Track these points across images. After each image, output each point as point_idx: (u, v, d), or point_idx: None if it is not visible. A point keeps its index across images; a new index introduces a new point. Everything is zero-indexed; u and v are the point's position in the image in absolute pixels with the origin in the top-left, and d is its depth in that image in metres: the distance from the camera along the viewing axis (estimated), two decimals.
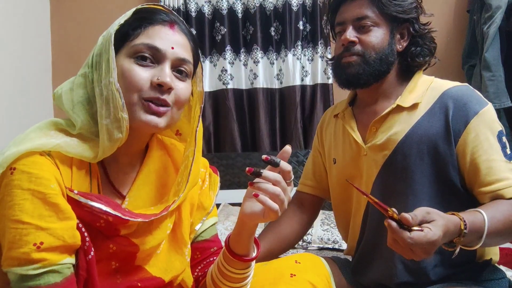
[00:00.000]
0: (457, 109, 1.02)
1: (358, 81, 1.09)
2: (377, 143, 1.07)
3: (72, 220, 0.71)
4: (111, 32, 0.77)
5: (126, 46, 0.78)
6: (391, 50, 1.09)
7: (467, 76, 2.34)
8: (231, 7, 2.55)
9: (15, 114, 2.23)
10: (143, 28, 0.78)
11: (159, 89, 0.77)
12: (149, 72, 0.77)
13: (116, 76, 0.75)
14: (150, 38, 0.78)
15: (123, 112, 0.75)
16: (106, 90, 0.75)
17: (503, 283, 1.06)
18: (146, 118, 0.77)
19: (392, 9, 1.08)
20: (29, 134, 0.75)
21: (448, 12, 2.50)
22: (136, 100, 0.76)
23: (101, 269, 0.76)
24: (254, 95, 2.53)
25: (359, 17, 1.08)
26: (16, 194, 0.68)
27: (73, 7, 2.62)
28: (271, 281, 0.93)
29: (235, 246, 0.82)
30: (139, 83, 0.76)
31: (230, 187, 2.37)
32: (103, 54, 0.77)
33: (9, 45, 2.21)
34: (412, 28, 1.11)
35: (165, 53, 0.78)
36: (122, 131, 0.76)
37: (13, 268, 0.67)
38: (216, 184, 0.97)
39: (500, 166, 0.98)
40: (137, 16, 0.80)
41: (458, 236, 0.84)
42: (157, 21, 0.80)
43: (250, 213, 0.77)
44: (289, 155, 0.76)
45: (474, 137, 1.00)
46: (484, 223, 0.88)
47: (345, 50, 1.10)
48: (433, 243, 0.78)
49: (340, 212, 1.24)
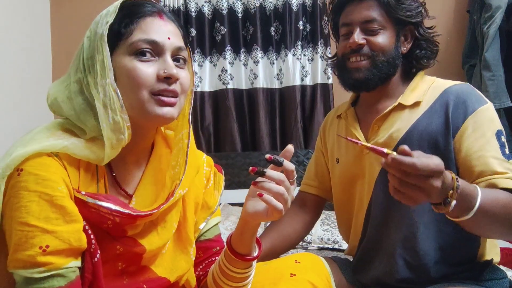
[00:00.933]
0: (456, 105, 1.02)
1: (367, 86, 1.09)
2: (379, 141, 1.08)
3: (78, 223, 0.71)
4: (102, 33, 0.75)
5: (121, 45, 0.76)
6: (398, 52, 1.10)
7: (467, 76, 2.34)
8: (231, 7, 2.55)
9: (15, 114, 2.23)
10: (135, 23, 0.77)
11: (166, 81, 0.77)
12: (152, 67, 0.76)
13: (112, 76, 0.74)
14: (146, 33, 0.76)
15: (122, 113, 0.74)
16: (103, 92, 0.74)
17: (503, 283, 1.06)
18: (161, 111, 0.77)
19: (400, 13, 1.07)
20: (36, 135, 0.74)
21: (448, 12, 2.51)
22: (147, 96, 0.76)
23: (108, 270, 0.76)
24: (254, 95, 2.53)
25: (367, 20, 1.08)
26: (23, 195, 0.68)
27: (73, 7, 2.62)
28: (271, 281, 0.93)
29: (237, 246, 0.82)
30: (147, 79, 0.75)
31: (230, 187, 2.37)
32: (95, 56, 0.75)
33: (9, 45, 2.21)
34: (416, 32, 1.11)
35: (163, 45, 0.77)
36: (123, 132, 0.75)
37: (19, 270, 0.67)
38: (220, 183, 0.97)
39: (496, 163, 0.96)
40: (125, 12, 0.78)
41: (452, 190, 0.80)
42: (146, 13, 0.78)
43: (253, 212, 0.77)
44: (291, 154, 0.76)
45: (471, 133, 1.00)
46: (476, 192, 0.84)
47: (352, 52, 1.09)
48: (439, 171, 0.73)
49: (342, 212, 1.25)
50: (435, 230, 1.03)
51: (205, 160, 0.96)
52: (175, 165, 0.85)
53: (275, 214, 0.74)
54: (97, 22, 0.78)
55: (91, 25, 0.79)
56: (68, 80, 0.79)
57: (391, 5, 1.07)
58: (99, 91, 0.74)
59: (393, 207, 1.06)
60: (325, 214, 2.12)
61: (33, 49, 2.45)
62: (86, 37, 0.78)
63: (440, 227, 1.03)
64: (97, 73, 0.74)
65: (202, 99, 2.53)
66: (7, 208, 0.69)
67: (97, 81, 0.74)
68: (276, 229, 1.26)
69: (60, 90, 0.79)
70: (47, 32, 2.60)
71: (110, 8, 0.78)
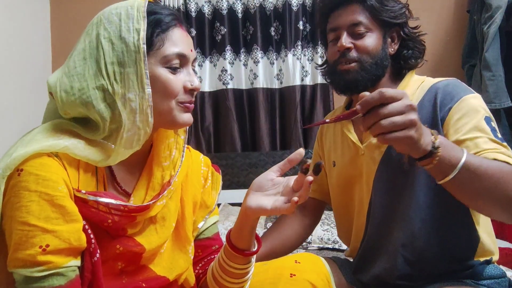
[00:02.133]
0: (443, 98, 1.03)
1: (356, 87, 1.10)
2: (373, 142, 1.09)
3: (78, 223, 0.71)
4: (135, 43, 0.74)
5: (153, 54, 0.77)
6: (385, 54, 1.11)
7: (467, 76, 2.34)
8: (231, 7, 2.55)
9: (15, 114, 2.23)
10: (162, 34, 0.78)
11: (191, 93, 0.81)
12: (179, 78, 0.80)
13: (150, 92, 0.75)
14: (176, 46, 0.79)
15: (149, 127, 0.77)
16: (135, 104, 0.75)
17: (503, 282, 1.06)
18: (184, 118, 0.81)
19: (384, 14, 1.10)
20: (36, 135, 0.74)
21: (448, 12, 2.51)
22: (174, 105, 0.79)
23: (107, 270, 0.76)
24: (254, 95, 2.53)
25: (353, 23, 1.10)
26: (23, 195, 0.68)
27: (73, 7, 2.62)
28: (271, 281, 0.93)
29: (237, 241, 0.83)
30: (176, 90, 0.79)
31: (230, 187, 2.37)
32: (126, 66, 0.74)
33: (9, 44, 2.21)
34: (402, 32, 1.14)
35: (188, 58, 0.81)
36: (140, 143, 0.78)
37: (19, 269, 0.68)
38: (218, 183, 0.98)
39: (488, 143, 0.94)
40: (152, 20, 0.77)
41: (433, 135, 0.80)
42: (171, 24, 0.79)
43: (256, 207, 0.77)
44: (301, 157, 0.76)
45: (457, 119, 0.99)
46: (462, 150, 0.83)
47: (340, 57, 1.11)
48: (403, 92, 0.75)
49: (342, 214, 1.25)
50: (435, 227, 1.04)
51: (203, 160, 0.97)
52: (169, 155, 0.87)
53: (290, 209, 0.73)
54: (117, 24, 0.75)
55: (105, 24, 0.76)
56: (83, 83, 0.75)
57: (375, 8, 1.09)
58: (129, 103, 0.74)
59: (393, 204, 1.07)
60: (325, 214, 2.11)
61: (33, 49, 2.45)
62: (104, 38, 0.75)
63: (440, 224, 1.04)
64: (130, 84, 0.74)
65: (202, 99, 2.53)
66: (7, 208, 0.69)
67: (127, 93, 0.74)
68: (276, 231, 1.27)
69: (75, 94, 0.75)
70: (47, 32, 2.61)
71: (133, 12, 0.76)
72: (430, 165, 0.82)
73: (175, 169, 0.87)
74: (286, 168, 0.79)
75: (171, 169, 0.87)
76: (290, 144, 2.51)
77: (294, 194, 0.75)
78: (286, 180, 0.78)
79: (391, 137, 0.75)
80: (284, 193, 0.77)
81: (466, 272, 1.05)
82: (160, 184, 0.85)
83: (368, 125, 0.77)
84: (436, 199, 1.03)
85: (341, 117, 0.81)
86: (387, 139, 0.76)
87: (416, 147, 0.78)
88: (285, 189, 0.77)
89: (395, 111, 0.74)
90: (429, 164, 0.82)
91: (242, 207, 0.80)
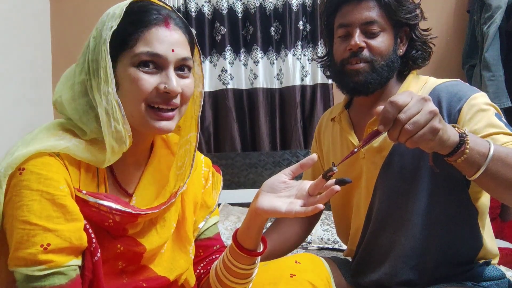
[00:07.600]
0: (449, 99, 1.01)
1: (366, 90, 1.06)
2: (374, 145, 1.07)
3: (79, 222, 0.71)
4: (105, 39, 0.74)
5: (126, 54, 0.75)
6: (396, 55, 1.07)
7: (467, 76, 2.34)
8: (231, 7, 2.55)
9: (15, 114, 2.23)
10: (139, 33, 0.75)
11: (166, 96, 0.76)
12: (154, 79, 0.75)
13: (114, 87, 0.74)
14: (149, 45, 0.75)
15: (124, 123, 0.75)
16: (106, 100, 0.73)
17: (502, 284, 1.06)
18: (159, 125, 0.77)
19: (401, 14, 1.05)
20: (37, 135, 0.75)
21: (448, 12, 2.51)
22: (144, 109, 0.76)
23: (108, 269, 0.76)
24: (254, 95, 2.53)
25: (368, 21, 1.04)
26: (25, 194, 0.68)
27: (73, 7, 2.62)
28: (271, 281, 0.93)
29: (244, 240, 0.83)
30: (144, 90, 0.75)
31: (230, 187, 2.37)
32: (99, 62, 0.74)
33: (9, 44, 2.21)
34: (413, 33, 1.09)
35: (166, 58, 0.76)
36: (125, 141, 0.75)
37: (20, 268, 0.68)
38: (219, 184, 0.98)
39: (506, 137, 0.92)
40: (131, 19, 0.76)
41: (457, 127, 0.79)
42: (151, 22, 0.76)
43: (269, 208, 0.77)
44: (313, 162, 0.77)
45: (469, 119, 0.97)
46: (488, 142, 0.82)
47: (351, 56, 1.05)
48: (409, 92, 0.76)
49: (340, 216, 1.24)
50: (437, 233, 1.03)
51: (203, 160, 0.97)
52: (181, 166, 0.86)
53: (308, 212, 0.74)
54: (103, 22, 0.76)
55: (97, 24, 0.78)
56: (73, 79, 0.79)
57: (391, 7, 1.04)
58: (102, 98, 0.74)
59: (394, 210, 1.05)
60: (325, 214, 2.11)
61: (33, 49, 2.45)
62: (92, 37, 0.77)
63: (442, 229, 1.03)
64: (100, 79, 0.74)
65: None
66: (9, 206, 0.70)
67: (100, 87, 0.74)
68: (276, 232, 1.26)
69: (65, 89, 0.79)
70: (47, 32, 2.61)
71: (116, 11, 0.76)
72: (461, 158, 0.80)
73: (184, 179, 0.85)
74: (297, 172, 0.79)
75: (181, 180, 0.85)
76: (290, 144, 2.51)
77: (309, 198, 0.77)
78: (299, 183, 0.79)
79: (418, 136, 0.75)
80: (298, 196, 0.78)
81: (466, 274, 1.05)
82: (170, 192, 0.84)
83: (395, 136, 0.77)
84: (438, 205, 1.01)
85: (367, 141, 0.81)
86: (415, 141, 0.76)
87: (444, 139, 0.78)
88: (300, 192, 0.78)
89: (413, 112, 0.74)
90: (460, 157, 0.80)
91: (252, 207, 0.80)
